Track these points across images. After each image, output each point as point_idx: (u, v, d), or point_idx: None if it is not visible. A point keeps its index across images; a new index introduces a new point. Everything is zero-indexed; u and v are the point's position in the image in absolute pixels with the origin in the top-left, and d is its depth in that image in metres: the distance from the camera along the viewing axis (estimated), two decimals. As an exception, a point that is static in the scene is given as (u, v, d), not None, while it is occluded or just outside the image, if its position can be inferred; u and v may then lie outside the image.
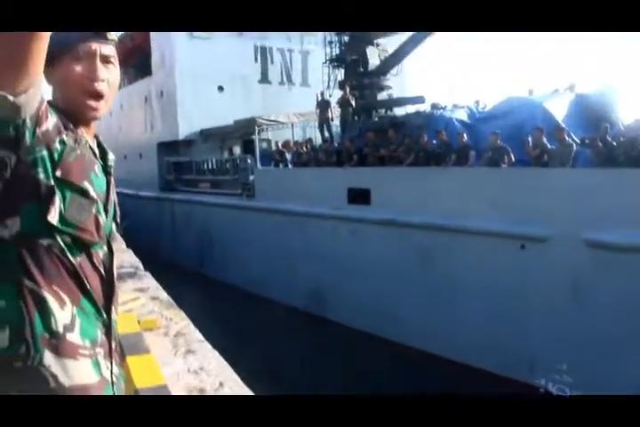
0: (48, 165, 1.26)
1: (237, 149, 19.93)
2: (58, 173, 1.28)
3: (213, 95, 20.08)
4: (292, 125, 17.77)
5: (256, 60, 21.29)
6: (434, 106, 13.61)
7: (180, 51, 19.43)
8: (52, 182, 1.27)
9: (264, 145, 18.29)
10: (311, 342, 11.27)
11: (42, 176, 1.26)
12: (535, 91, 13.18)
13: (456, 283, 9.73)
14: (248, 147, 19.16)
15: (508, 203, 8.97)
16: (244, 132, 17.81)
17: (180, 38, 19.41)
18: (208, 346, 4.63)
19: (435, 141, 10.90)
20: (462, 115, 12.41)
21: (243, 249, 15.09)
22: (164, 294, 6.49)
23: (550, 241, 8.52)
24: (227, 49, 20.07)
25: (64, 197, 1.29)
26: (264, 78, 21.54)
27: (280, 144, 15.77)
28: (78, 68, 1.40)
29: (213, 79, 20.02)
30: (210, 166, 18.34)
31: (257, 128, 16.27)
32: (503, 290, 9.08)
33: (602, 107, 11.08)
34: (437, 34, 14.68)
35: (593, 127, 10.52)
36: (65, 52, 1.39)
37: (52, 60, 1.35)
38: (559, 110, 11.07)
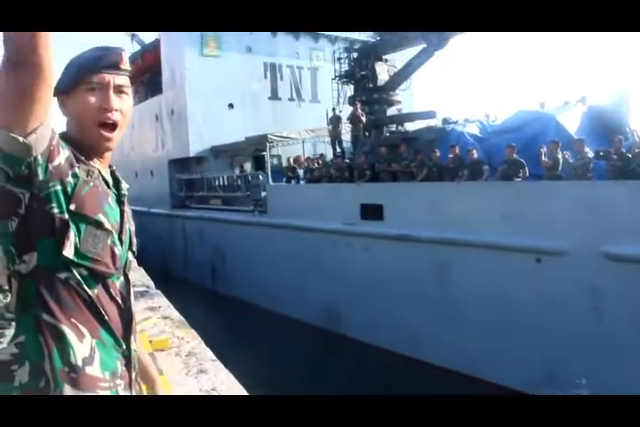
0: (62, 199, 1.27)
1: (248, 166, 19.97)
2: (72, 207, 1.28)
3: (224, 112, 20.21)
4: (303, 141, 17.82)
5: (265, 76, 21.44)
6: (445, 121, 13.60)
7: (190, 69, 19.61)
8: (67, 216, 1.28)
9: (274, 161, 18.37)
10: (325, 357, 11.16)
11: (56, 211, 1.26)
12: (545, 103, 13.15)
13: (472, 297, 9.62)
14: (259, 163, 19.25)
15: (523, 216, 8.90)
16: (255, 148, 17.85)
17: (190, 56, 19.62)
18: (220, 365, 4.58)
19: (450, 155, 10.78)
20: (474, 129, 12.39)
21: (255, 265, 15.04)
22: (175, 313, 6.46)
23: (568, 254, 8.42)
24: (236, 66, 20.27)
25: (79, 231, 1.30)
26: (274, 95, 21.67)
27: (292, 160, 15.76)
28: (92, 99, 1.40)
29: (224, 96, 20.15)
30: (221, 183, 18.38)
31: (268, 145, 16.29)
32: (520, 304, 8.97)
33: (614, 119, 11.02)
34: (445, 49, 14.73)
35: (605, 140, 10.47)
36: (79, 83, 1.40)
37: (66, 92, 1.41)
38: (571, 123, 11.02)
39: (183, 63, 19.64)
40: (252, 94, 20.85)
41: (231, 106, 20.52)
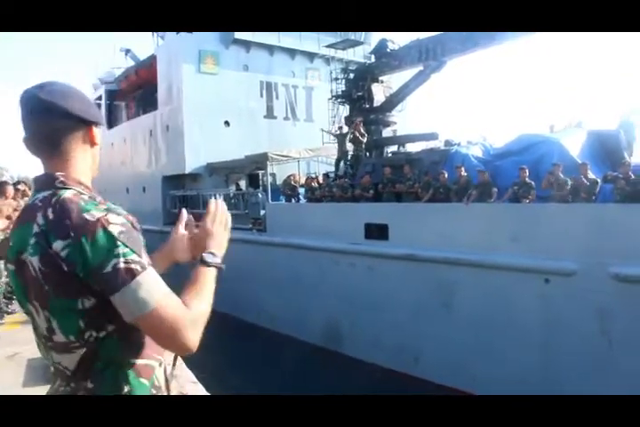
0: None
1: (243, 184, 19.97)
2: None
3: (220, 130, 20.20)
4: (299, 160, 17.89)
5: (261, 95, 21.50)
6: (448, 142, 13.80)
7: (187, 85, 19.61)
8: None
9: (269, 179, 18.40)
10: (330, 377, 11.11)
11: None
12: (537, 126, 13.49)
13: (478, 318, 9.70)
14: (253, 181, 19.27)
15: (532, 238, 9.04)
16: (255, 166, 17.86)
17: (187, 73, 19.63)
18: (200, 387, 4.49)
19: (464, 175, 10.91)
20: (477, 151, 12.60)
21: (253, 283, 14.93)
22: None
23: (577, 275, 8.56)
24: (233, 84, 20.32)
25: None
26: (269, 113, 21.72)
27: (292, 178, 15.80)
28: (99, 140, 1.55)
29: (220, 114, 20.15)
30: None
31: (269, 163, 16.32)
32: (528, 325, 9.07)
33: (616, 144, 11.34)
34: (442, 72, 15.01)
35: (604, 164, 10.78)
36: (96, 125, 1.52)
37: (96, 124, 1.52)
38: (574, 147, 11.29)
39: (180, 80, 19.61)
40: (248, 112, 20.88)
41: (227, 123, 20.53)
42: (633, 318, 8.04)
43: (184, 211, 1.87)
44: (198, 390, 4.42)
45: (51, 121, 1.40)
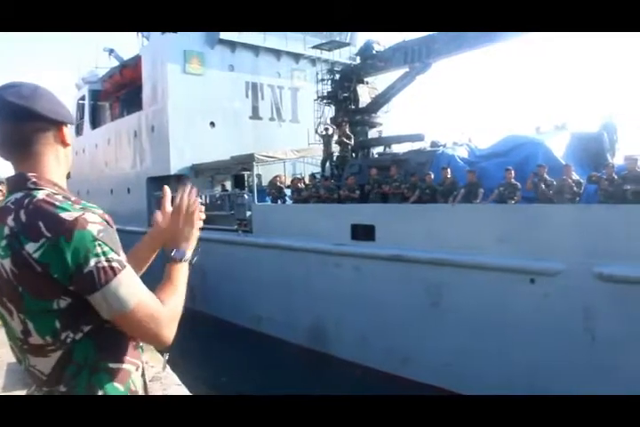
0: None
1: (228, 184, 19.89)
2: None
3: (205, 130, 20.08)
4: (285, 161, 17.87)
5: (247, 95, 21.42)
6: (434, 143, 13.85)
7: (172, 86, 19.48)
8: None
9: (255, 180, 18.36)
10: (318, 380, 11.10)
11: None
12: (523, 128, 13.62)
13: (465, 318, 9.74)
14: (238, 182, 19.20)
15: (518, 238, 9.10)
16: (241, 167, 17.80)
17: (172, 73, 19.51)
18: (185, 390, 4.47)
19: (449, 176, 10.95)
20: (463, 152, 12.67)
21: (238, 284, 14.90)
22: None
23: (562, 275, 8.64)
24: (218, 84, 20.23)
25: None
26: (255, 114, 21.64)
27: (279, 179, 15.77)
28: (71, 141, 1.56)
29: (205, 114, 20.04)
30: (203, 201, 18.15)
31: (255, 164, 16.27)
32: (513, 324, 9.13)
33: (598, 146, 11.48)
34: (428, 73, 15.07)
35: (587, 164, 10.89)
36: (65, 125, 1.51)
37: (66, 125, 1.51)
38: (558, 148, 11.41)
39: (165, 80, 19.47)
40: (233, 113, 20.78)
41: (212, 124, 20.43)
42: (617, 317, 8.14)
43: (166, 187, 1.86)
44: (182, 392, 4.41)
45: (19, 123, 1.38)
